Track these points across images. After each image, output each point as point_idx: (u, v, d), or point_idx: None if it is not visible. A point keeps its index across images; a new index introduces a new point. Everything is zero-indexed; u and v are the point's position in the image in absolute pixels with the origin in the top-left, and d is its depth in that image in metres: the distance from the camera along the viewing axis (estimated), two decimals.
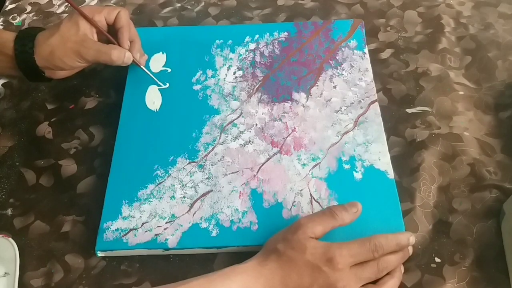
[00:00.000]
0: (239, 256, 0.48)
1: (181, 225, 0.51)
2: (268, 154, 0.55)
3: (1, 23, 0.73)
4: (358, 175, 0.53)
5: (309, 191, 0.53)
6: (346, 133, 0.56)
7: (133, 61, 0.59)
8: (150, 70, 0.62)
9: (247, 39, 0.65)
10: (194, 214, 0.52)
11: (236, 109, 0.59)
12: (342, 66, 0.62)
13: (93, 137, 0.60)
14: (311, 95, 0.60)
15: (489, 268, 0.48)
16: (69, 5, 0.72)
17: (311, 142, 0.56)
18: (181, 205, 0.52)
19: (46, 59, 0.54)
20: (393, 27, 0.68)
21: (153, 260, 0.50)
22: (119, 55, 0.56)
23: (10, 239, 0.51)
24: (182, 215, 0.51)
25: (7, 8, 0.75)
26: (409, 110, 0.60)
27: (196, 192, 0.53)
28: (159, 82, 0.61)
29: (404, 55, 0.65)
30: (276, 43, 0.65)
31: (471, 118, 0.59)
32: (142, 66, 0.61)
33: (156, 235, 0.50)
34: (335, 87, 0.60)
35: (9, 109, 0.63)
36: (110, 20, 0.58)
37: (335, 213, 0.46)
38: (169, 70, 0.63)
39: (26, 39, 0.54)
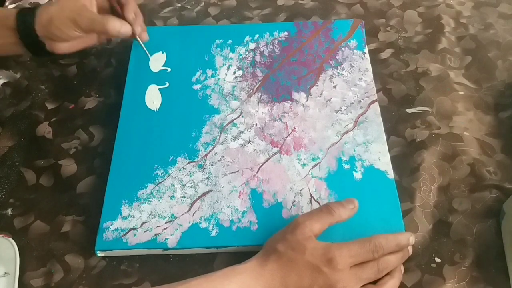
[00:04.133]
0: (239, 256, 0.48)
1: (181, 225, 0.51)
2: (268, 154, 0.55)
3: None
4: (358, 175, 0.53)
5: (309, 191, 0.53)
6: (346, 133, 0.56)
7: (132, 34, 0.59)
8: (150, 70, 0.62)
9: (247, 38, 0.65)
10: (193, 214, 0.52)
11: (236, 109, 0.59)
12: (342, 66, 0.62)
13: (93, 137, 0.60)
14: (311, 95, 0.60)
15: (489, 268, 0.48)
16: None
17: (311, 142, 0.56)
18: (180, 205, 0.52)
19: (45, 27, 0.55)
20: (393, 27, 0.68)
21: (153, 260, 0.50)
22: (114, 25, 0.56)
23: (10, 239, 0.51)
24: (182, 215, 0.51)
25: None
26: (409, 110, 0.60)
27: (196, 192, 0.53)
28: (149, 55, 0.63)
29: (404, 55, 0.65)
30: (276, 43, 0.65)
31: (471, 118, 0.59)
32: (141, 42, 0.62)
33: (155, 235, 0.50)
34: (335, 87, 0.60)
35: (9, 109, 0.63)
36: None
37: (332, 209, 0.46)
38: (169, 69, 0.63)
39: (27, 11, 0.56)
